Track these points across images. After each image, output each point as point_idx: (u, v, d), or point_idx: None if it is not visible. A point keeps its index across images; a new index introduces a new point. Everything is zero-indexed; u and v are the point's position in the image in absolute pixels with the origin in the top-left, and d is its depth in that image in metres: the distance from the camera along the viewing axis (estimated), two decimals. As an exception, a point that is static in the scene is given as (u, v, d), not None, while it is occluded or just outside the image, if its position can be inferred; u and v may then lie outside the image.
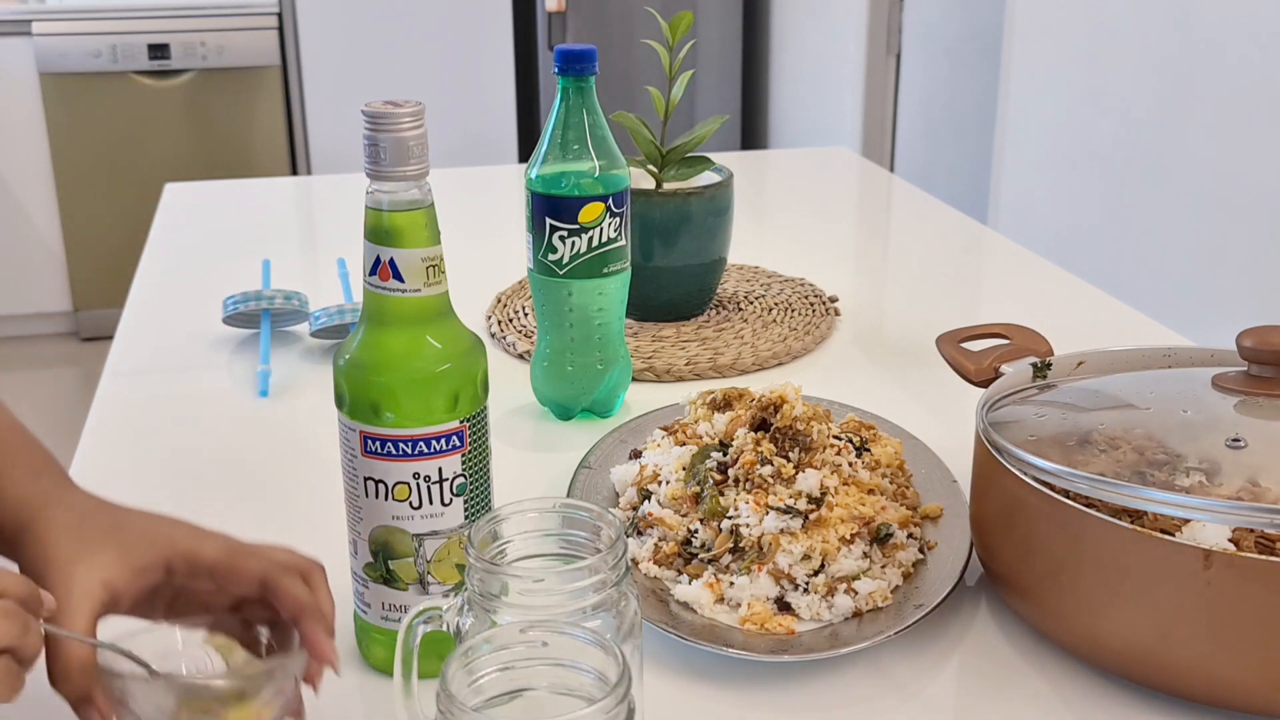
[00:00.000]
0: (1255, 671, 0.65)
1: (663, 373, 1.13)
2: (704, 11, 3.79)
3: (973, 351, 0.90)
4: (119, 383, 1.15)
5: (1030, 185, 2.63)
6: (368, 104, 0.64)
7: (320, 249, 1.65)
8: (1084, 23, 2.39)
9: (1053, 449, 0.73)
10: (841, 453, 0.83)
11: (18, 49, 3.57)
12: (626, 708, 0.50)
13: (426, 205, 0.65)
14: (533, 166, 0.97)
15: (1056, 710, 0.70)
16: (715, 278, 1.25)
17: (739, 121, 4.02)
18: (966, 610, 0.78)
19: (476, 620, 0.58)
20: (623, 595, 0.59)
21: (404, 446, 0.66)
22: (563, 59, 0.95)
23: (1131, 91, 2.26)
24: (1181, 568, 0.64)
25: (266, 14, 3.70)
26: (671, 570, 0.79)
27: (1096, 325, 1.27)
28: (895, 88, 3.43)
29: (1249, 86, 1.97)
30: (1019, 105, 2.64)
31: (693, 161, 1.20)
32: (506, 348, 1.19)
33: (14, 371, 3.70)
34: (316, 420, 1.02)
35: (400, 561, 0.68)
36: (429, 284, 0.65)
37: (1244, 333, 0.77)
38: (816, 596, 0.75)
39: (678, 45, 1.15)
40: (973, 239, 1.63)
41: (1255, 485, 0.69)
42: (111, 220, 3.70)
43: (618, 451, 0.93)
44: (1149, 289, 2.21)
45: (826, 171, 2.00)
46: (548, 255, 0.97)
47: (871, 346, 1.23)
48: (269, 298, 1.19)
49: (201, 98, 3.71)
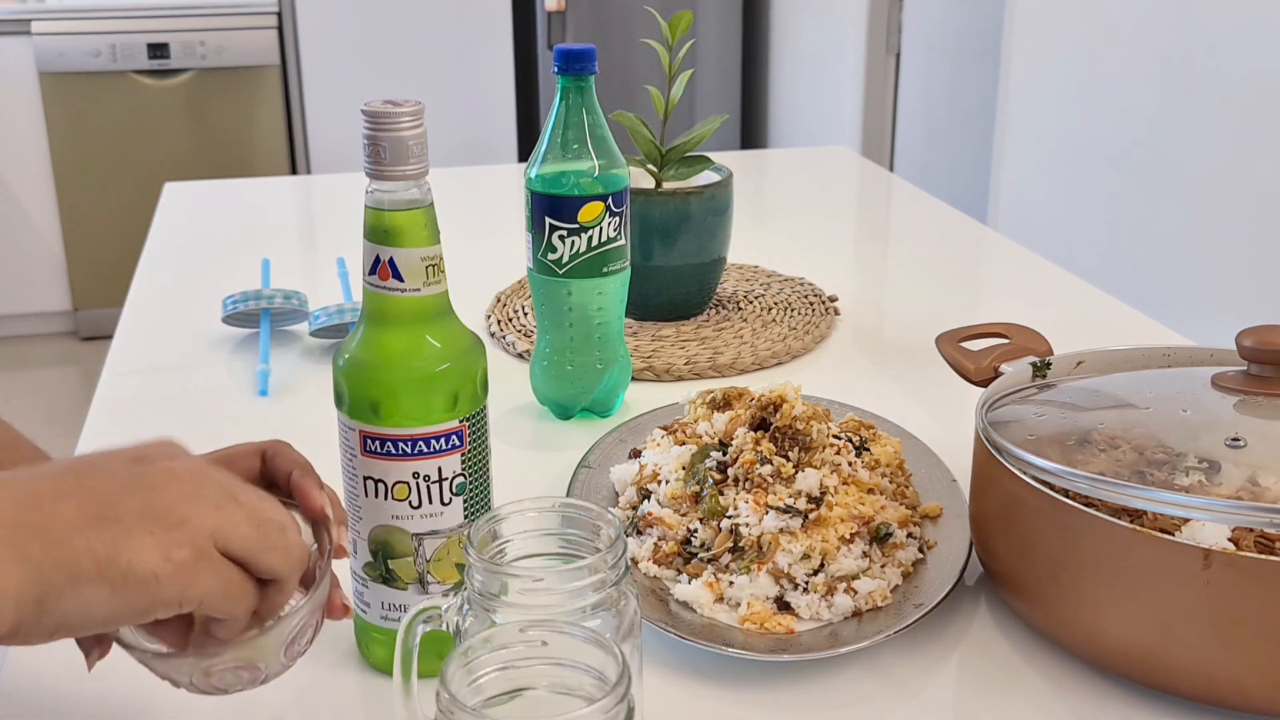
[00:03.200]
0: (1255, 671, 0.65)
1: (662, 372, 1.13)
2: (703, 11, 3.79)
3: (972, 351, 0.90)
4: (119, 382, 1.15)
5: (1030, 185, 2.63)
6: (367, 103, 0.64)
7: (320, 248, 1.65)
8: (1084, 23, 2.39)
9: (1052, 448, 0.73)
10: (841, 452, 0.83)
11: (17, 48, 3.57)
12: (626, 707, 0.50)
13: (426, 205, 0.65)
14: (532, 166, 0.97)
15: (1056, 710, 0.70)
16: (715, 277, 1.25)
17: (738, 121, 4.02)
18: (966, 610, 0.78)
19: (476, 620, 0.58)
20: (622, 594, 0.59)
21: (403, 446, 0.66)
22: (562, 58, 0.95)
23: (1131, 91, 2.26)
24: (1181, 567, 0.64)
25: (266, 13, 3.70)
26: (671, 570, 0.79)
27: (1096, 325, 1.27)
28: (895, 87, 3.43)
29: (1249, 86, 1.97)
30: (1019, 105, 2.64)
31: (692, 161, 1.20)
32: (506, 347, 1.19)
33: (14, 371, 3.70)
34: (316, 420, 1.02)
35: (400, 561, 0.68)
36: (428, 283, 0.65)
37: (1243, 332, 0.77)
38: (816, 596, 0.75)
39: (677, 45, 1.15)
40: (972, 239, 1.63)
41: (1255, 485, 0.69)
42: (111, 220, 3.70)
43: (617, 451, 0.93)
44: (1149, 289, 2.21)
45: (826, 171, 2.00)
46: (547, 255, 0.97)
47: (871, 346, 1.23)
48: (268, 297, 1.19)
49: (201, 97, 3.71)
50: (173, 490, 0.51)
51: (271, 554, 0.52)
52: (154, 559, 0.49)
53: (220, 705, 0.68)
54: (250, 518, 0.52)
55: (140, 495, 0.50)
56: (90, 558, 0.48)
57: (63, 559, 0.47)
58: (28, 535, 0.47)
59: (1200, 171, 2.09)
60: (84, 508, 0.49)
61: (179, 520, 0.50)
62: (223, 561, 0.51)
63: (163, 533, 0.49)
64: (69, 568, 0.47)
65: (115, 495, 0.50)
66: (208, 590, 0.50)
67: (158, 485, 0.51)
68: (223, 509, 0.51)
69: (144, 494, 0.50)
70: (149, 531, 0.49)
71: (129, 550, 0.48)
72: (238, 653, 0.56)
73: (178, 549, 0.49)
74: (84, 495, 0.49)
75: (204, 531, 0.50)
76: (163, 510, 0.50)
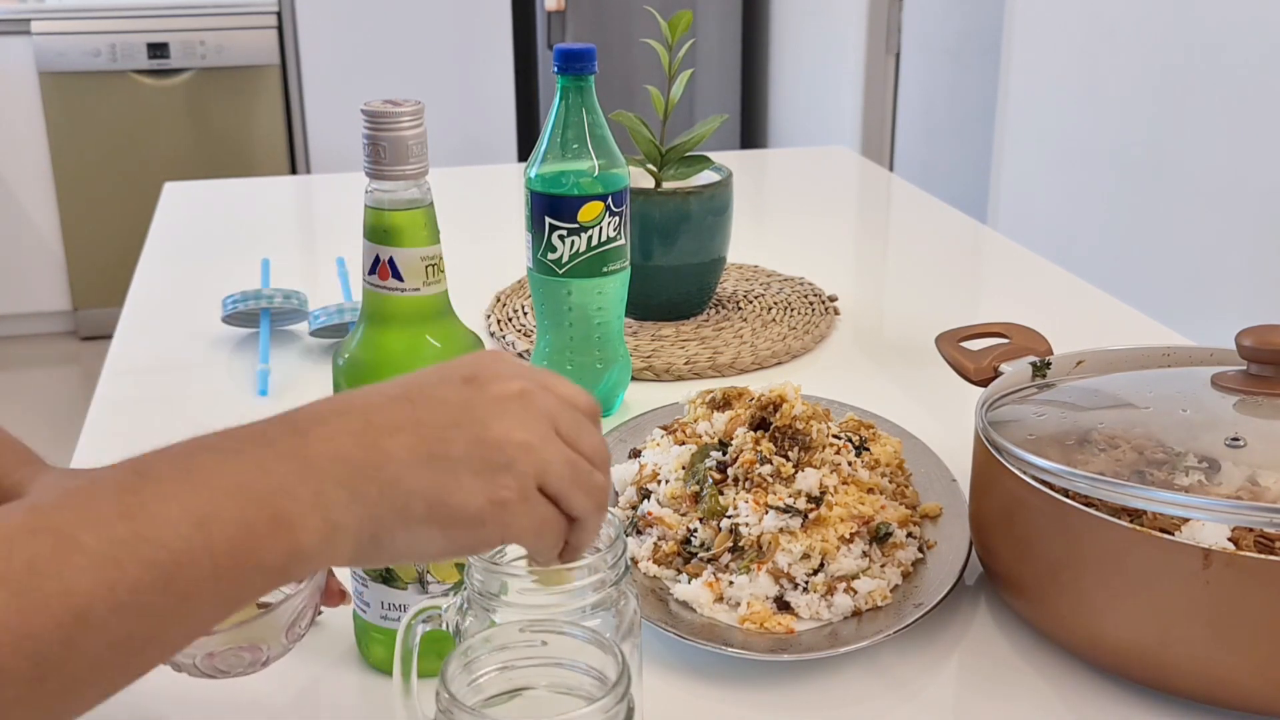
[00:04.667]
0: (1254, 670, 0.65)
1: (662, 372, 1.13)
2: (703, 11, 3.79)
3: (972, 351, 0.90)
4: (118, 382, 1.15)
5: (1030, 185, 2.63)
6: (367, 103, 0.64)
7: (319, 248, 1.64)
8: (1084, 23, 2.39)
9: (1052, 448, 0.73)
10: (841, 452, 0.83)
11: (17, 48, 3.57)
12: (626, 707, 0.50)
13: (426, 204, 0.65)
14: (532, 166, 0.97)
15: (1056, 709, 0.70)
16: (714, 277, 1.25)
17: (738, 121, 4.02)
18: (966, 609, 0.78)
19: (476, 619, 0.58)
20: (622, 594, 0.59)
21: (403, 445, 0.65)
22: (562, 58, 0.95)
23: (1131, 91, 2.26)
24: (1181, 567, 0.64)
25: (266, 13, 3.70)
26: (671, 569, 0.79)
27: (1096, 325, 1.27)
28: (895, 87, 3.43)
29: (1249, 86, 1.97)
30: (1019, 105, 2.64)
31: (692, 161, 1.20)
32: (506, 347, 1.19)
33: (13, 371, 3.70)
34: (316, 419, 1.02)
35: (399, 560, 0.68)
36: (428, 283, 0.65)
37: (1243, 332, 0.77)
38: (816, 595, 0.75)
39: (677, 44, 1.15)
40: (972, 238, 1.63)
41: (1254, 484, 0.69)
42: (111, 219, 3.70)
43: (617, 450, 0.93)
44: (1149, 288, 2.21)
45: (826, 171, 2.00)
46: (547, 254, 0.97)
47: (871, 346, 1.23)
48: (268, 297, 1.19)
49: (201, 97, 3.71)
50: (501, 424, 0.52)
51: (579, 494, 0.53)
52: (480, 501, 0.50)
53: (220, 704, 0.68)
54: (565, 457, 0.53)
55: (469, 430, 0.51)
56: (421, 500, 0.49)
57: (396, 501, 0.49)
58: (366, 476, 0.49)
59: (1200, 171, 2.09)
60: (415, 444, 0.50)
61: (505, 462, 0.51)
62: (541, 500, 0.52)
63: (489, 474, 0.50)
64: (401, 510, 0.49)
65: (445, 430, 0.51)
66: (525, 529, 0.52)
67: (487, 417, 0.52)
68: (545, 445, 0.52)
69: (473, 428, 0.51)
70: (475, 473, 0.50)
71: (457, 492, 0.50)
72: (243, 633, 0.57)
73: (502, 490, 0.51)
74: (416, 429, 0.50)
75: (527, 474, 0.51)
76: (491, 448, 0.51)
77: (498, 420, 0.52)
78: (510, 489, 0.51)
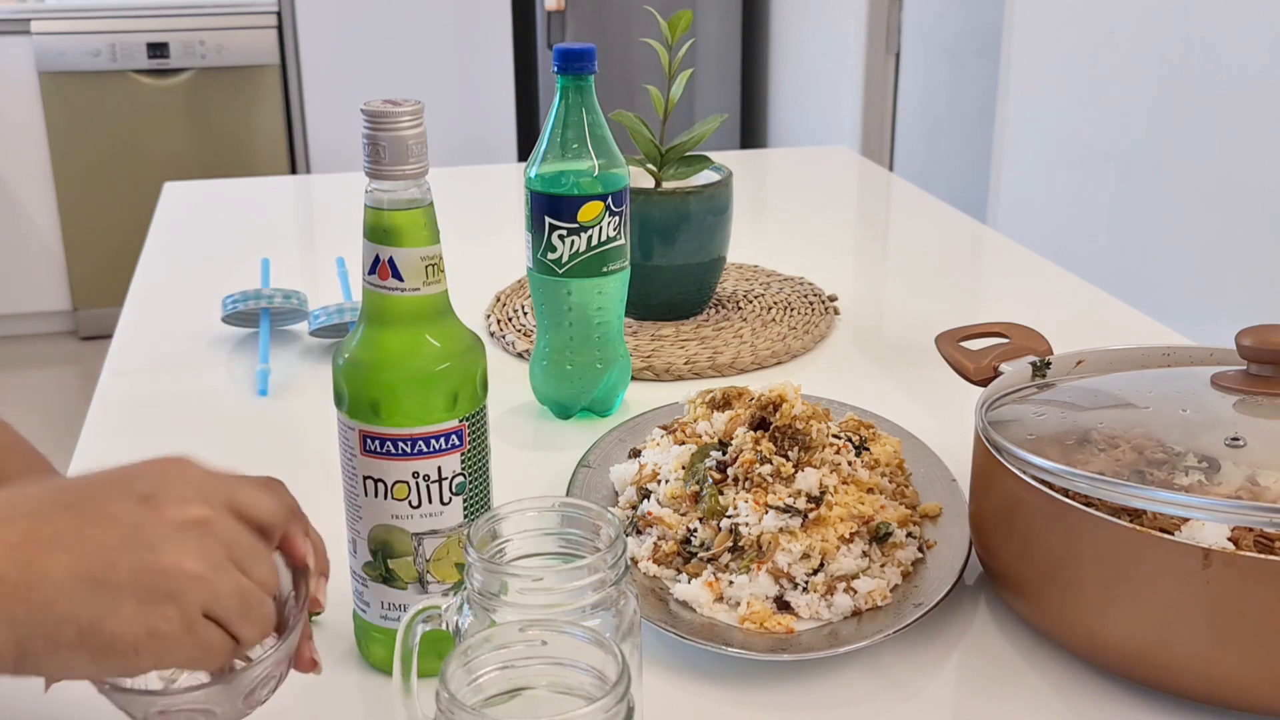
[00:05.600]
0: (1254, 670, 0.65)
1: (662, 372, 1.13)
2: (703, 10, 3.79)
3: (972, 350, 0.90)
4: (118, 382, 1.15)
5: (1030, 184, 2.63)
6: (367, 102, 0.64)
7: (319, 248, 1.64)
8: (1084, 23, 2.39)
9: (1052, 448, 0.73)
10: (840, 451, 0.83)
11: (17, 48, 3.57)
12: (626, 706, 0.50)
13: (426, 204, 0.65)
14: (532, 165, 0.97)
15: (1055, 709, 0.70)
16: (714, 277, 1.25)
17: (738, 120, 4.02)
18: (966, 609, 0.78)
19: (476, 619, 0.58)
20: (622, 594, 0.59)
21: (403, 445, 0.65)
22: (562, 58, 0.95)
23: (1131, 91, 2.26)
24: (1181, 567, 0.64)
25: (265, 13, 3.70)
26: (671, 569, 0.79)
27: (1096, 324, 1.27)
28: (895, 87, 3.43)
29: (1249, 86, 1.97)
30: (1019, 105, 2.64)
31: (692, 160, 1.20)
32: (506, 347, 1.19)
33: (13, 371, 3.70)
34: (315, 419, 1.02)
35: (399, 560, 0.68)
36: (428, 283, 0.65)
37: (1243, 332, 0.77)
38: (816, 595, 0.75)
39: (677, 44, 1.15)
40: (972, 238, 1.63)
41: (1254, 484, 0.69)
42: (111, 219, 3.70)
43: (617, 450, 0.93)
44: (1149, 288, 2.21)
45: (826, 170, 2.00)
46: (547, 254, 0.97)
47: (871, 345, 1.23)
48: (268, 296, 1.19)
49: (200, 97, 3.71)
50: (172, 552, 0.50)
51: (246, 625, 0.53)
52: (136, 631, 0.49)
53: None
54: (235, 588, 0.52)
55: (137, 555, 0.50)
56: (73, 626, 0.48)
57: (46, 625, 0.48)
58: (17, 596, 0.47)
59: (1200, 171, 2.09)
60: (75, 565, 0.48)
61: (172, 592, 0.50)
62: (207, 626, 0.51)
63: (152, 604, 0.49)
64: (51, 634, 0.48)
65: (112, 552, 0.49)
66: (184, 659, 0.51)
67: (158, 542, 0.50)
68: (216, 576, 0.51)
69: (141, 553, 0.50)
70: (139, 601, 0.49)
71: (113, 621, 0.48)
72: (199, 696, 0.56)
73: (162, 622, 0.49)
74: (80, 547, 0.49)
75: (194, 604, 0.50)
76: (159, 575, 0.50)
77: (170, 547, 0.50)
78: (172, 621, 0.50)
